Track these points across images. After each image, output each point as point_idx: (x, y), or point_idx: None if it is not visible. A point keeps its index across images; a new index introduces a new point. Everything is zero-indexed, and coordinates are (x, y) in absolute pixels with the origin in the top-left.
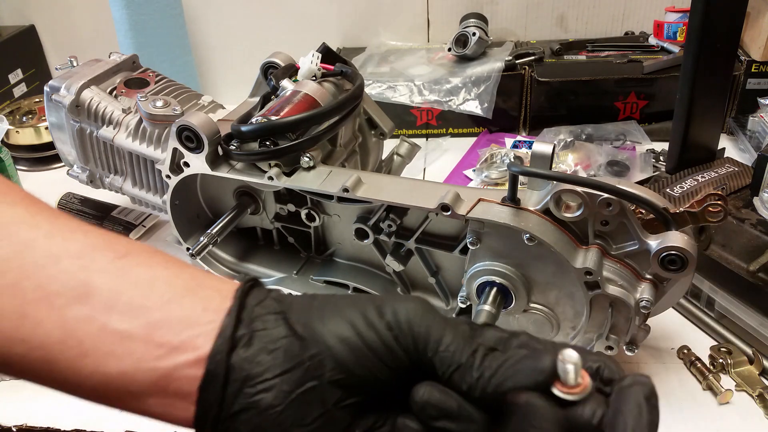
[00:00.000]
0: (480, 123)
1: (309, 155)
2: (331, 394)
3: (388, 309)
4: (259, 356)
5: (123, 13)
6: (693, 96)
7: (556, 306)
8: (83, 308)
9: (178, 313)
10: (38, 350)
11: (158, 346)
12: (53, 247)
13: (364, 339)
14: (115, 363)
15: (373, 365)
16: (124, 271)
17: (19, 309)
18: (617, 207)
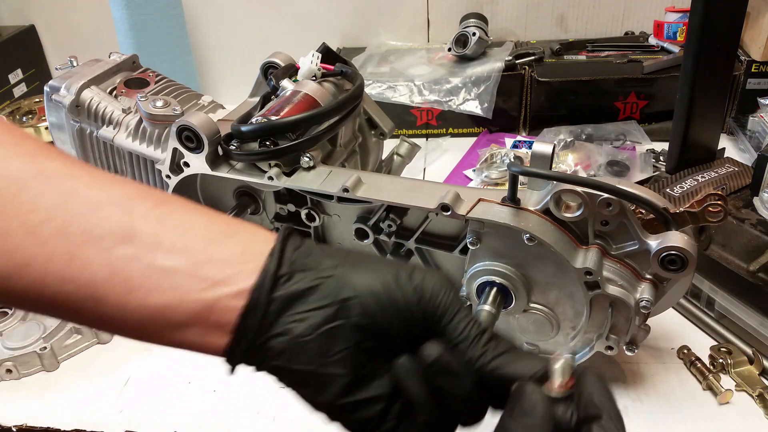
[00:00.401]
0: (480, 123)
1: (309, 155)
2: (353, 334)
3: (417, 276)
4: (295, 294)
5: (123, 13)
6: (693, 96)
7: (556, 306)
8: (129, 248)
9: (220, 253)
10: (86, 288)
11: (202, 280)
12: (94, 196)
13: (392, 296)
14: (160, 296)
15: (393, 319)
16: (164, 217)
17: (68, 251)
18: (617, 207)
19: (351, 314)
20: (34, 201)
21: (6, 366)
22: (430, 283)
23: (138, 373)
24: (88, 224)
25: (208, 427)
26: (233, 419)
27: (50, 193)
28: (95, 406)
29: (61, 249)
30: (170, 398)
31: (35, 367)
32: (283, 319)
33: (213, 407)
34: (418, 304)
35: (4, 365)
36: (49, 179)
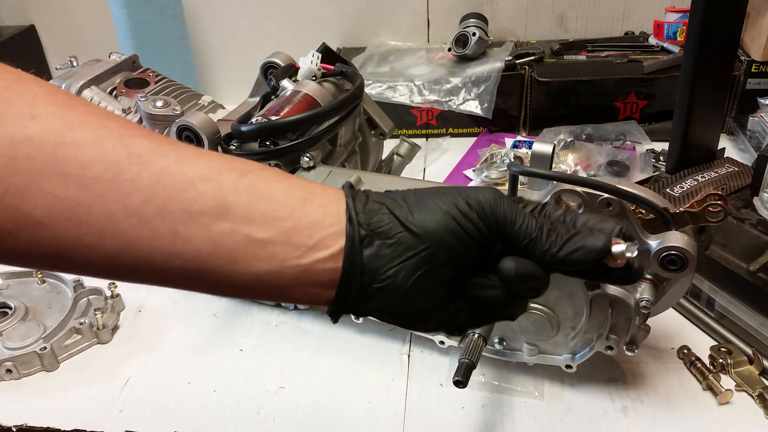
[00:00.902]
0: (480, 123)
1: (309, 155)
2: (441, 272)
3: (473, 200)
4: (382, 251)
5: (123, 13)
6: (693, 96)
7: (556, 306)
8: (225, 223)
9: (306, 219)
10: (192, 262)
11: (296, 248)
12: (186, 172)
13: (464, 227)
14: (261, 265)
15: (471, 246)
16: (251, 188)
17: (171, 229)
18: (617, 207)
19: (436, 257)
20: (132, 183)
21: (6, 366)
22: (486, 203)
23: (138, 373)
24: (186, 202)
25: (208, 427)
26: (233, 419)
27: (145, 174)
28: (95, 406)
29: (163, 228)
30: (170, 398)
31: (35, 367)
32: (378, 277)
33: (213, 407)
34: (486, 226)
35: (4, 365)
36: (142, 159)
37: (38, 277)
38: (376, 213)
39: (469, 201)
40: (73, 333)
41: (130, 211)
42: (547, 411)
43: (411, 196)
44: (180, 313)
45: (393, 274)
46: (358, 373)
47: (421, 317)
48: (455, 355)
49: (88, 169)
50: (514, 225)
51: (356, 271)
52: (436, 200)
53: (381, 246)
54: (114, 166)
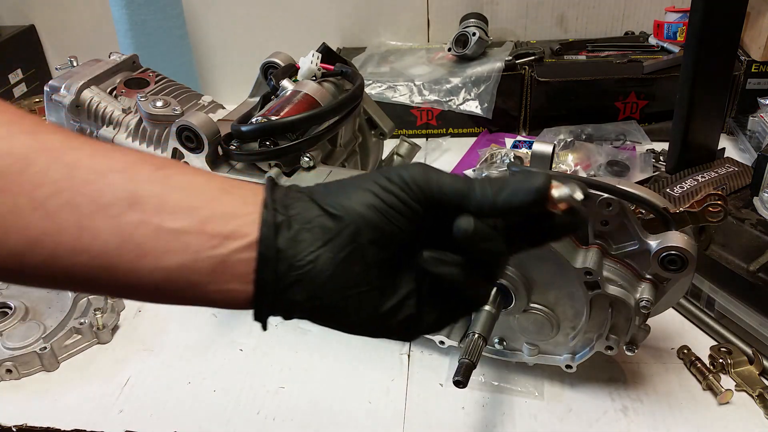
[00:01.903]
0: (480, 123)
1: (309, 155)
2: (368, 251)
3: (394, 175)
4: (300, 235)
5: (123, 13)
6: (693, 96)
7: (556, 306)
8: (135, 214)
9: (222, 208)
10: (99, 258)
11: (211, 237)
12: (97, 165)
13: (386, 201)
14: (173, 258)
15: (397, 220)
16: (166, 179)
17: (77, 223)
18: (617, 207)
19: (359, 234)
20: (40, 176)
21: (6, 366)
22: (407, 175)
23: (138, 373)
24: (94, 193)
25: (208, 427)
26: (233, 419)
27: (55, 167)
28: (95, 406)
29: (70, 221)
30: (170, 398)
31: (35, 367)
32: (297, 263)
33: (213, 407)
34: (410, 196)
35: (4, 365)
36: (52, 153)
37: None
38: (295, 200)
39: (390, 177)
40: (73, 333)
41: (35, 205)
42: (547, 411)
43: (333, 184)
44: (180, 313)
45: (313, 259)
46: (358, 373)
47: (352, 312)
48: (455, 355)
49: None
50: (441, 188)
51: (272, 257)
52: (357, 181)
53: (299, 231)
54: (22, 159)
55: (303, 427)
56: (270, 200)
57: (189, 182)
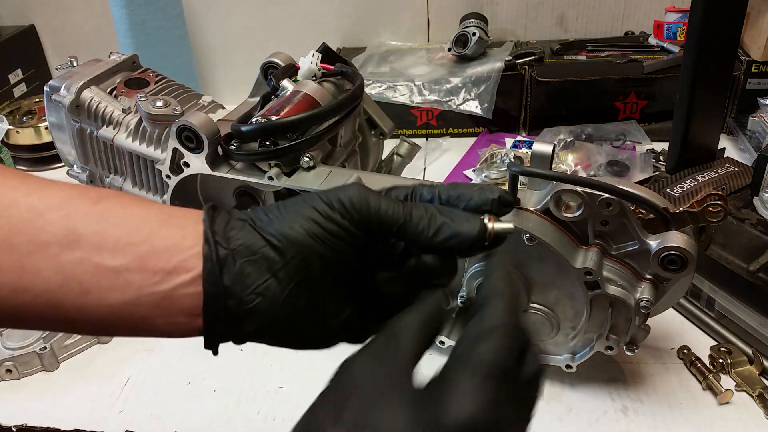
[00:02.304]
0: (480, 123)
1: (309, 155)
2: (315, 278)
3: (334, 199)
4: (246, 269)
5: (123, 13)
6: (693, 96)
7: (556, 306)
8: (75, 252)
9: (162, 242)
10: (42, 296)
11: (153, 274)
12: (35, 203)
13: (327, 229)
14: (117, 295)
15: (339, 246)
16: (103, 214)
17: (17, 263)
18: (617, 207)
19: (303, 264)
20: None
21: (6, 366)
22: (347, 200)
23: (138, 373)
24: (33, 232)
25: (208, 427)
26: (233, 419)
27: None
28: (95, 406)
29: (9, 261)
30: (170, 398)
31: (35, 367)
32: (246, 298)
33: (213, 407)
34: (351, 224)
35: (4, 365)
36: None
37: None
38: (237, 229)
39: (331, 202)
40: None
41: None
42: (547, 411)
43: (275, 208)
44: None
45: (262, 291)
46: None
47: (303, 335)
48: None
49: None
50: (378, 214)
51: (219, 294)
52: (297, 207)
53: (244, 264)
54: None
55: None
56: (210, 233)
57: (127, 216)
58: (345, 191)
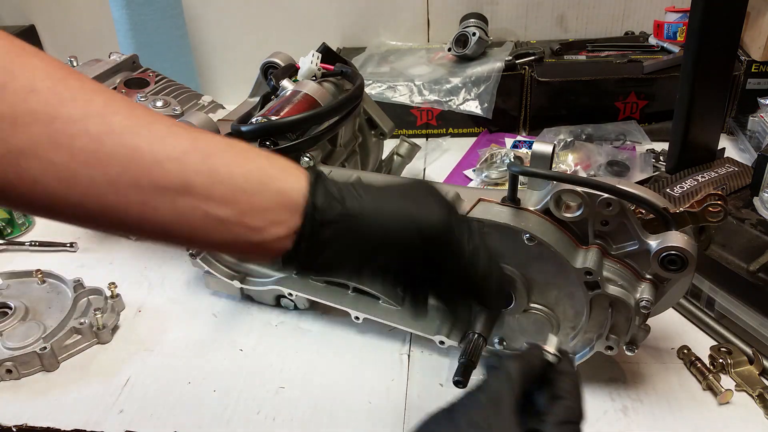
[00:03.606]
0: (480, 123)
1: (309, 155)
2: (381, 270)
3: (424, 217)
4: (329, 238)
5: (123, 13)
6: (693, 96)
7: (556, 306)
8: (188, 200)
9: (260, 204)
10: (159, 227)
11: (250, 229)
12: (156, 153)
13: (408, 240)
14: (219, 236)
15: (411, 254)
16: (212, 171)
17: (141, 199)
18: (617, 207)
19: (380, 254)
20: (110, 156)
21: (6, 366)
22: (432, 224)
23: (138, 373)
24: (155, 178)
25: (208, 427)
26: (233, 419)
27: (122, 151)
28: (95, 406)
29: (135, 198)
30: (170, 398)
31: (35, 367)
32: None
33: (213, 407)
34: (424, 244)
35: (4, 365)
36: (119, 137)
37: (38, 277)
38: (338, 199)
39: (419, 219)
40: (73, 333)
41: (108, 179)
42: None
43: (374, 190)
44: (180, 313)
45: (334, 256)
46: (358, 373)
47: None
48: (455, 355)
49: (76, 140)
50: (449, 259)
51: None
52: (395, 200)
53: (330, 236)
54: (96, 140)
55: (303, 427)
56: (311, 196)
57: (232, 176)
58: (434, 212)
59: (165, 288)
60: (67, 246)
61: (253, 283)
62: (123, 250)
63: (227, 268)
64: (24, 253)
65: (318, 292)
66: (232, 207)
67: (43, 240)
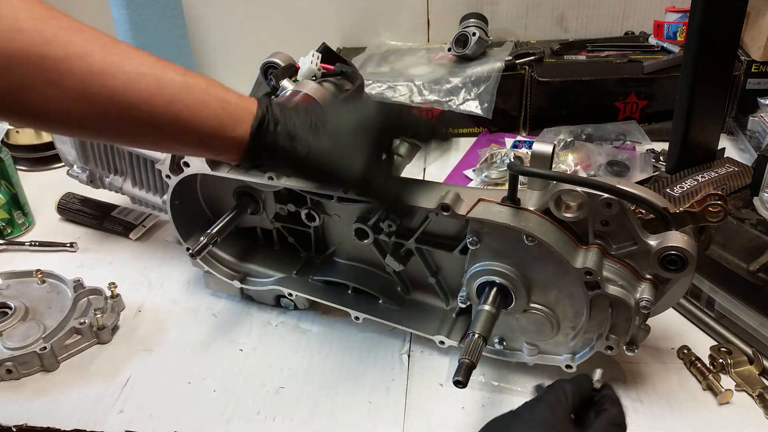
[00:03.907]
0: (480, 123)
1: None
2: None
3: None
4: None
5: (123, 13)
6: (693, 96)
7: (556, 306)
8: (160, 134)
9: (217, 146)
10: (142, 145)
11: (210, 152)
12: (130, 95)
13: (385, 112)
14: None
15: (391, 124)
16: (175, 115)
17: (124, 128)
18: (617, 207)
19: (367, 117)
20: (96, 96)
21: (6, 366)
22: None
23: (138, 373)
24: (132, 115)
25: (208, 427)
26: (233, 419)
27: (103, 91)
28: (95, 406)
29: (120, 127)
30: (170, 398)
31: (35, 367)
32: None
33: (213, 407)
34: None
35: (4, 365)
36: (100, 78)
37: (38, 277)
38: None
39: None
40: (73, 333)
41: (97, 113)
42: None
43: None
44: (180, 313)
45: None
46: (358, 373)
47: (338, 165)
48: (455, 355)
49: (65, 80)
50: (410, 129)
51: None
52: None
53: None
54: (81, 80)
55: (303, 427)
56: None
57: (191, 121)
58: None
59: (165, 288)
60: (67, 246)
61: (253, 283)
62: (123, 250)
63: (227, 267)
64: (24, 253)
65: (318, 292)
66: (193, 149)
67: (43, 240)
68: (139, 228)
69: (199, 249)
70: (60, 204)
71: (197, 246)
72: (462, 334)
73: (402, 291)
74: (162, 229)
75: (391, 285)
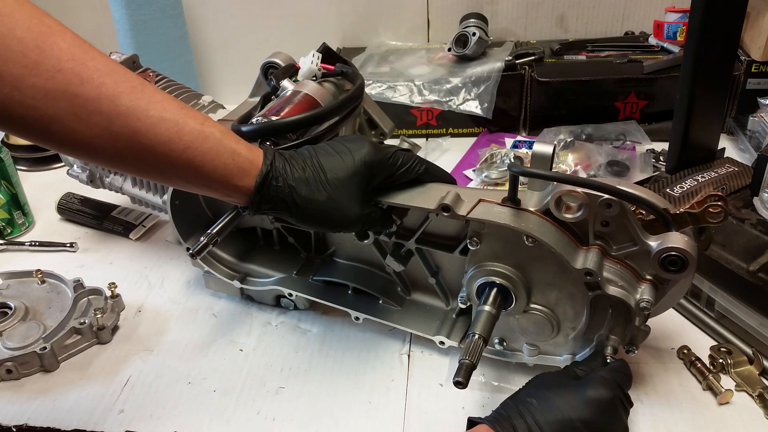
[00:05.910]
0: (480, 123)
1: None
2: (357, 177)
3: (382, 148)
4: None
5: (123, 13)
6: (693, 96)
7: (556, 306)
8: (174, 177)
9: (226, 191)
10: (158, 180)
11: (223, 195)
12: (150, 138)
13: (379, 154)
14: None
15: (382, 167)
16: (189, 160)
17: (142, 166)
18: (617, 208)
19: (358, 158)
20: (118, 134)
21: (6, 366)
22: (392, 150)
23: (138, 373)
24: (149, 155)
25: (208, 427)
26: (233, 419)
27: (126, 131)
28: (95, 406)
29: (138, 165)
30: (170, 398)
31: (35, 367)
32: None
33: (213, 407)
34: (388, 160)
35: (4, 365)
36: (125, 119)
37: (38, 277)
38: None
39: (378, 148)
40: (73, 333)
41: (117, 149)
42: None
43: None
44: (180, 313)
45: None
46: (358, 373)
47: (332, 215)
48: (455, 355)
49: (92, 117)
50: (399, 167)
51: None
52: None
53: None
54: (107, 119)
55: (303, 427)
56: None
57: (203, 166)
58: (382, 148)
59: (165, 288)
60: (67, 246)
61: (253, 283)
62: (123, 250)
63: (227, 267)
64: (24, 253)
65: (318, 292)
66: (201, 190)
67: (43, 240)
68: (139, 228)
69: (199, 249)
70: (60, 204)
71: (197, 246)
72: (462, 335)
73: (402, 291)
74: (162, 229)
75: (391, 285)
